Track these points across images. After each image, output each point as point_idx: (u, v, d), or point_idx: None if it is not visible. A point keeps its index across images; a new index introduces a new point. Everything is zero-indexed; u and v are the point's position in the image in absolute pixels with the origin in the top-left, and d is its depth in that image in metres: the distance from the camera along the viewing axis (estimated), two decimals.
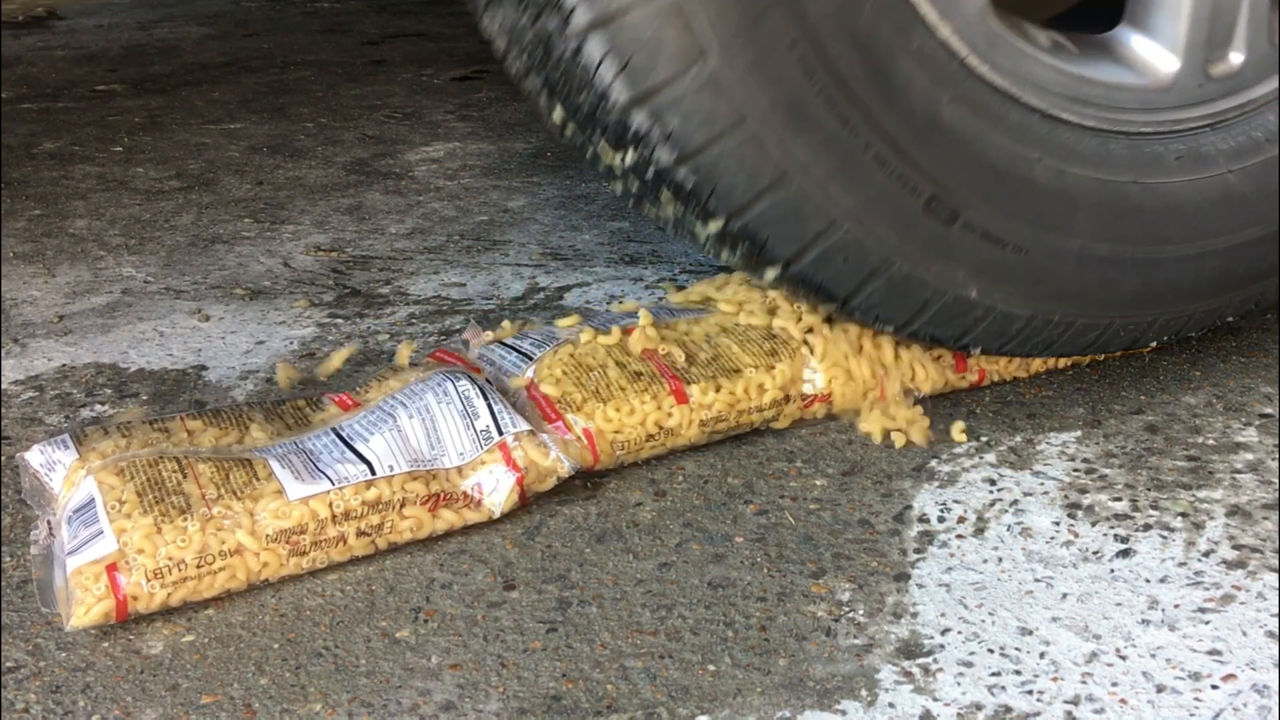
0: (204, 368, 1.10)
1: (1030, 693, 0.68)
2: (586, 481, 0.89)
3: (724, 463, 0.91)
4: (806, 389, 0.93)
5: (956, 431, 0.93)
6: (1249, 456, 0.90)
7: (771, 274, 0.86)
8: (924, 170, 0.83)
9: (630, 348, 0.92)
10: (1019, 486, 0.87)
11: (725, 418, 0.91)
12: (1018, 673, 0.69)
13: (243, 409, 0.89)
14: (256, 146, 1.78)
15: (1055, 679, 0.69)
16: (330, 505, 0.78)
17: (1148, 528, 0.82)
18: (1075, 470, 0.89)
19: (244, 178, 1.64)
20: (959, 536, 0.82)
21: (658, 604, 0.76)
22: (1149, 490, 0.86)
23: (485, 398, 0.86)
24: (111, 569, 0.74)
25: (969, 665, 0.70)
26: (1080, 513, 0.84)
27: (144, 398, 1.04)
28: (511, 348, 0.95)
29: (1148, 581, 0.77)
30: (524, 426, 0.85)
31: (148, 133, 1.87)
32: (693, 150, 0.79)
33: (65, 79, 2.24)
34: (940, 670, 0.70)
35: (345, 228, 1.44)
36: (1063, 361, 1.02)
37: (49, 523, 0.81)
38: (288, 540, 0.78)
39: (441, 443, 0.83)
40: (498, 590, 0.78)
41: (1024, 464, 0.90)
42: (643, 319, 0.95)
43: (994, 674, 0.69)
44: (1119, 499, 0.85)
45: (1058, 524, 0.83)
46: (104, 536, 0.75)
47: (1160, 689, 0.68)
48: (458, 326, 1.16)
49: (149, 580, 0.74)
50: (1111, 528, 0.82)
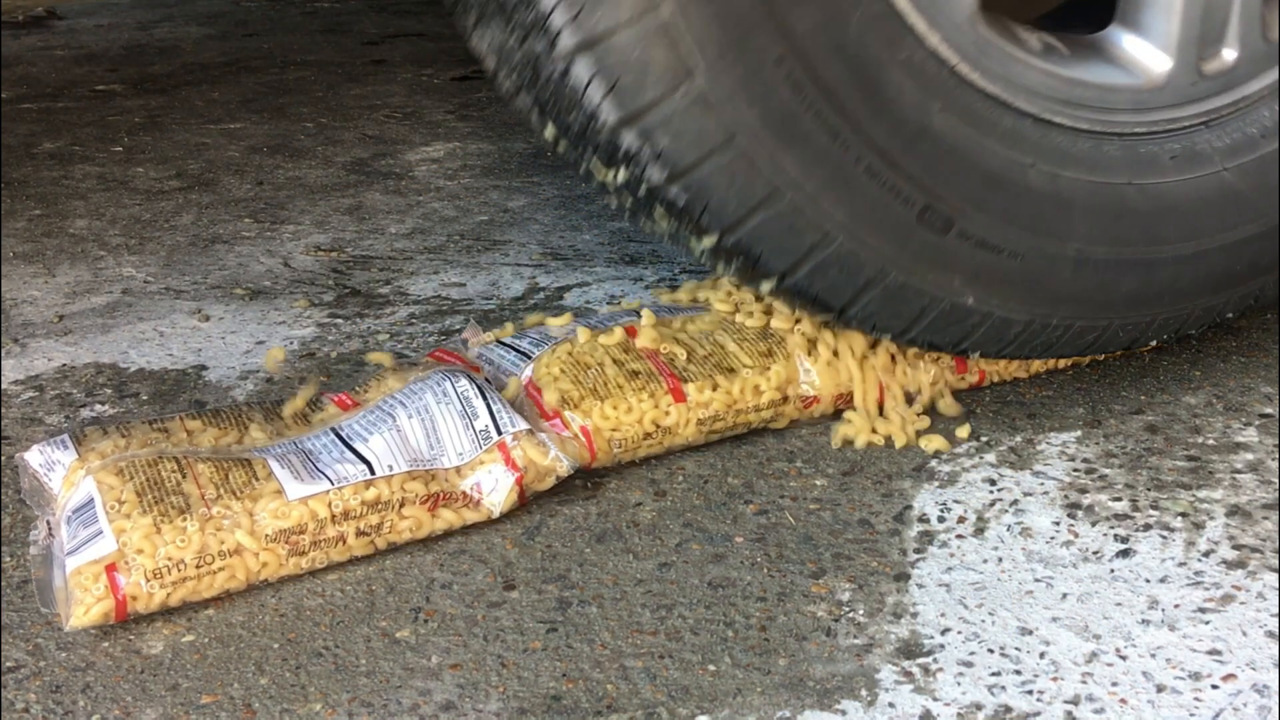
0: (204, 368, 1.10)
1: (1030, 693, 0.68)
2: (586, 481, 0.89)
3: (724, 463, 0.91)
4: (806, 390, 0.93)
5: (960, 431, 0.93)
6: (1249, 456, 0.89)
7: (767, 286, 0.86)
8: (916, 180, 0.83)
9: (632, 346, 0.92)
10: (1019, 486, 0.87)
11: (723, 417, 0.91)
12: (1018, 673, 0.69)
13: (242, 409, 0.89)
14: (256, 146, 1.78)
15: (1055, 679, 0.69)
16: (329, 505, 0.78)
17: (1148, 528, 0.82)
18: (1075, 470, 0.89)
19: (244, 178, 1.64)
20: (959, 536, 0.82)
21: (658, 604, 0.76)
22: (1149, 490, 0.86)
23: (484, 397, 0.86)
24: (111, 569, 0.74)
25: (969, 665, 0.70)
26: (1080, 513, 0.84)
27: (144, 398, 1.04)
28: (510, 347, 0.95)
29: (1148, 581, 0.77)
30: (523, 426, 0.85)
31: (148, 133, 1.87)
32: (683, 169, 0.79)
33: (65, 79, 2.24)
34: (940, 670, 0.70)
35: (345, 228, 1.44)
36: (1063, 362, 1.02)
37: (48, 523, 0.81)
38: (287, 540, 0.78)
39: (441, 442, 0.83)
40: (498, 590, 0.78)
41: (1024, 464, 0.90)
42: (645, 319, 0.94)
43: (994, 674, 0.69)
44: (1119, 499, 0.85)
45: (1058, 524, 0.83)
46: (103, 536, 0.75)
47: (1160, 689, 0.68)
48: (458, 326, 1.16)
49: (148, 580, 0.74)
50: (1111, 528, 0.82)
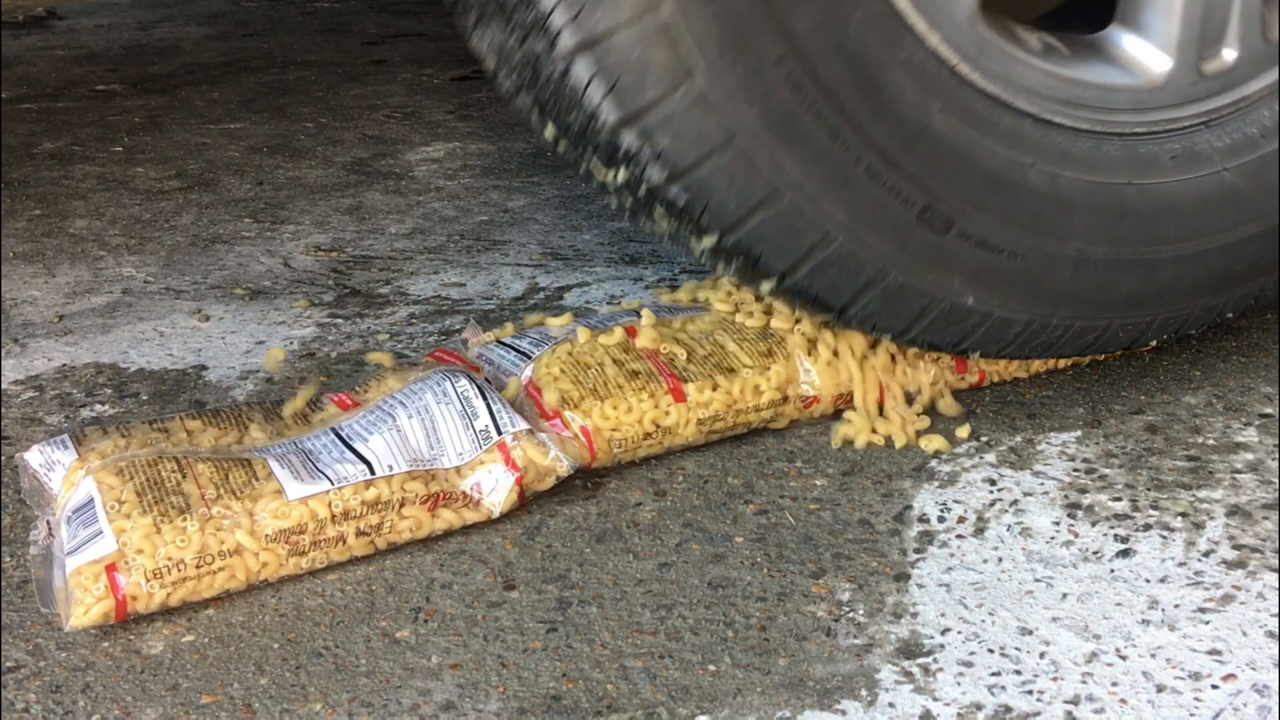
0: (204, 368, 1.10)
1: (1030, 693, 0.68)
2: (586, 481, 0.89)
3: (724, 463, 0.91)
4: (806, 390, 0.93)
5: (959, 431, 0.93)
6: (1249, 456, 0.89)
7: (767, 286, 0.86)
8: (916, 180, 0.83)
9: (632, 346, 0.92)
10: (1019, 486, 0.87)
11: (723, 417, 0.91)
12: (1018, 673, 0.69)
13: (242, 409, 0.89)
14: (256, 146, 1.78)
15: (1055, 679, 0.69)
16: (329, 505, 0.78)
17: (1148, 528, 0.82)
18: (1075, 470, 0.89)
19: (244, 178, 1.64)
20: (959, 536, 0.82)
21: (658, 604, 0.76)
22: (1149, 490, 0.86)
23: (484, 397, 0.86)
24: (111, 569, 0.74)
25: (969, 665, 0.70)
26: (1080, 513, 0.84)
27: (144, 398, 1.04)
28: (510, 347, 0.95)
29: (1148, 581, 0.77)
30: (523, 426, 0.85)
31: (148, 133, 1.87)
32: (683, 169, 0.79)
33: (65, 79, 2.24)
34: (940, 670, 0.70)
35: (345, 228, 1.44)
36: (1063, 362, 1.02)
37: (48, 523, 0.81)
38: (287, 540, 0.78)
39: (441, 442, 0.83)
40: (498, 590, 0.78)
41: (1024, 464, 0.90)
42: (645, 319, 0.94)
43: (994, 674, 0.69)
44: (1119, 499, 0.85)
45: (1058, 524, 0.83)
46: (103, 536, 0.75)
47: (1160, 689, 0.68)
48: (458, 326, 1.16)
49: (148, 580, 0.74)
50: (1111, 528, 0.82)
